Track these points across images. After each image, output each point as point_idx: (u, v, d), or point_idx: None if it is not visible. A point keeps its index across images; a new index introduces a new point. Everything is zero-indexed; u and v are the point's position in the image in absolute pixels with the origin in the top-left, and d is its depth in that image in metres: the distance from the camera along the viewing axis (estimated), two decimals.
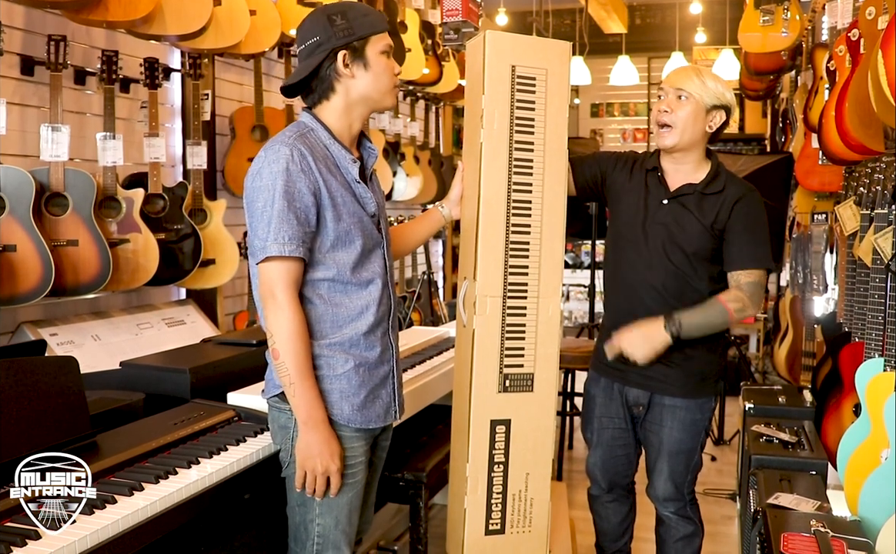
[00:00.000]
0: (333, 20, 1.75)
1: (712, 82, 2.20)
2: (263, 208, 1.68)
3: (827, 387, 3.03)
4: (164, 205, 2.99)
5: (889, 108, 1.99)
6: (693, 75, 2.21)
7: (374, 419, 1.83)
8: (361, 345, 1.80)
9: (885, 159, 2.45)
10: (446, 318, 4.78)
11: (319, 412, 1.73)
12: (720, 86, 2.21)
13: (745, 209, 2.19)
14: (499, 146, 2.09)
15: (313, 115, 1.81)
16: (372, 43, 1.78)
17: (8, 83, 2.66)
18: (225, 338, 2.82)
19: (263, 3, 3.27)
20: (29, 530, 1.40)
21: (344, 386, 1.78)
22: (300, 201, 1.68)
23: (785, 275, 5.17)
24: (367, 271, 1.81)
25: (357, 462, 1.82)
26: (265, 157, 1.71)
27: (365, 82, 1.79)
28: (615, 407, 2.36)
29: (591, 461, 2.46)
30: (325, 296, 1.76)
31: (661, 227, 2.22)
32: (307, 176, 1.69)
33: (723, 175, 2.24)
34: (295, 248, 1.68)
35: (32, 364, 1.78)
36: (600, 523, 2.53)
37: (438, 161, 5.47)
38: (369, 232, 1.81)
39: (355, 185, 1.80)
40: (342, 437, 1.78)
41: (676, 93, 2.20)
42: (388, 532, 3.02)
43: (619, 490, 2.46)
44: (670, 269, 2.19)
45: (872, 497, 2.01)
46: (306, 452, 1.74)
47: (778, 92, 6.01)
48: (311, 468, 1.74)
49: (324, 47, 1.75)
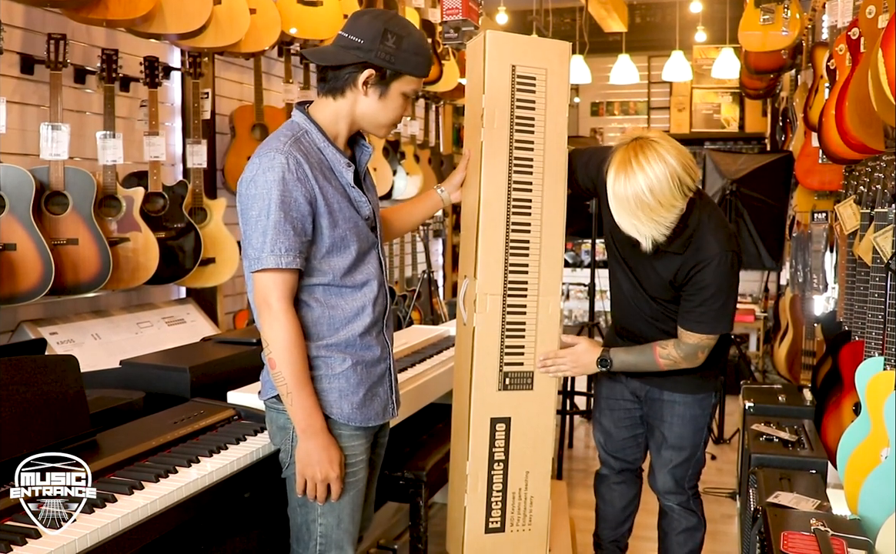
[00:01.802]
0: (387, 38, 1.70)
1: (662, 205, 1.90)
2: (258, 217, 1.66)
3: (827, 386, 3.03)
4: (164, 204, 2.99)
5: (889, 106, 1.99)
6: (638, 216, 1.92)
7: (372, 417, 1.83)
8: (358, 345, 1.79)
9: (886, 158, 2.44)
10: (446, 316, 4.78)
11: (318, 420, 1.72)
12: (667, 192, 1.89)
13: (704, 277, 2.03)
14: (499, 145, 2.09)
15: (307, 115, 1.79)
16: (402, 81, 1.76)
17: (8, 82, 2.66)
18: (225, 337, 2.82)
19: (263, 2, 3.27)
20: (29, 529, 1.40)
21: (343, 385, 1.77)
22: (297, 211, 1.66)
23: (785, 274, 5.17)
24: (363, 274, 1.80)
25: (358, 461, 1.82)
26: (259, 163, 1.68)
27: (373, 108, 1.77)
28: (620, 389, 2.38)
29: (600, 439, 2.48)
30: (321, 299, 1.76)
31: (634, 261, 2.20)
32: (303, 184, 1.67)
33: (690, 233, 2.04)
34: (292, 260, 1.67)
35: (32, 363, 1.78)
36: (604, 508, 2.52)
37: (438, 160, 5.47)
38: (364, 236, 1.80)
39: (350, 189, 1.78)
40: (342, 435, 1.78)
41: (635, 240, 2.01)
42: (389, 531, 3.02)
43: (627, 473, 2.48)
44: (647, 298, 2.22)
45: (872, 496, 2.01)
46: (306, 460, 1.73)
47: (778, 91, 6.01)
48: (310, 476, 1.74)
49: (359, 54, 1.71)
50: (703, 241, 2.04)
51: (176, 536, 1.64)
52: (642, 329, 2.26)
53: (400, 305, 4.52)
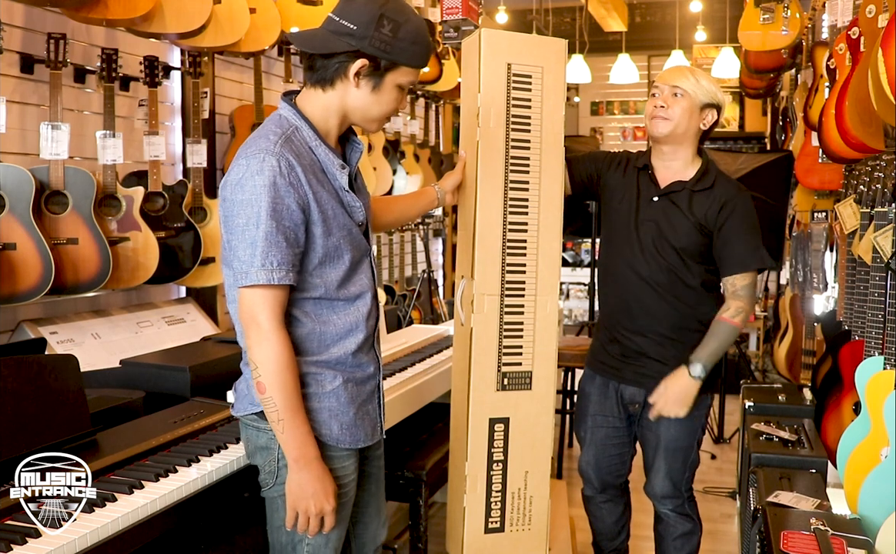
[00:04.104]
0: (382, 25, 1.55)
1: (705, 81, 2.24)
2: (246, 227, 1.50)
3: (827, 385, 3.03)
4: (164, 203, 2.99)
5: (889, 106, 1.99)
6: (687, 73, 2.24)
7: (362, 438, 1.71)
8: (350, 363, 1.67)
9: (886, 157, 2.44)
10: (446, 316, 4.78)
11: (311, 449, 1.58)
12: (713, 85, 2.25)
13: (736, 211, 2.20)
14: (495, 144, 2.09)
15: (295, 109, 1.63)
16: (398, 72, 1.61)
17: (7, 81, 2.66)
18: (225, 336, 2.82)
19: (263, 2, 3.27)
20: (29, 528, 1.40)
21: (333, 404, 1.65)
22: (289, 220, 1.52)
23: (785, 273, 5.17)
24: (356, 285, 1.68)
25: (349, 481, 1.71)
26: (248, 165, 1.52)
27: (365, 101, 1.62)
28: (610, 405, 2.36)
29: (583, 461, 2.46)
30: (312, 314, 1.62)
31: (651, 224, 2.23)
32: (296, 190, 1.52)
33: (713, 173, 2.26)
34: (284, 275, 1.52)
35: (32, 362, 1.78)
36: (596, 523, 2.53)
37: (438, 159, 5.47)
38: (358, 243, 1.67)
39: (344, 194, 1.65)
40: (332, 457, 1.65)
41: (672, 90, 2.21)
42: (389, 530, 3.02)
43: (612, 490, 2.47)
44: (662, 264, 2.20)
45: (872, 495, 2.01)
46: (298, 492, 1.58)
47: (778, 90, 6.01)
48: (303, 509, 1.59)
49: (351, 42, 1.56)
50: (728, 182, 2.28)
51: (176, 536, 1.64)
52: (645, 301, 2.23)
53: (400, 305, 4.52)
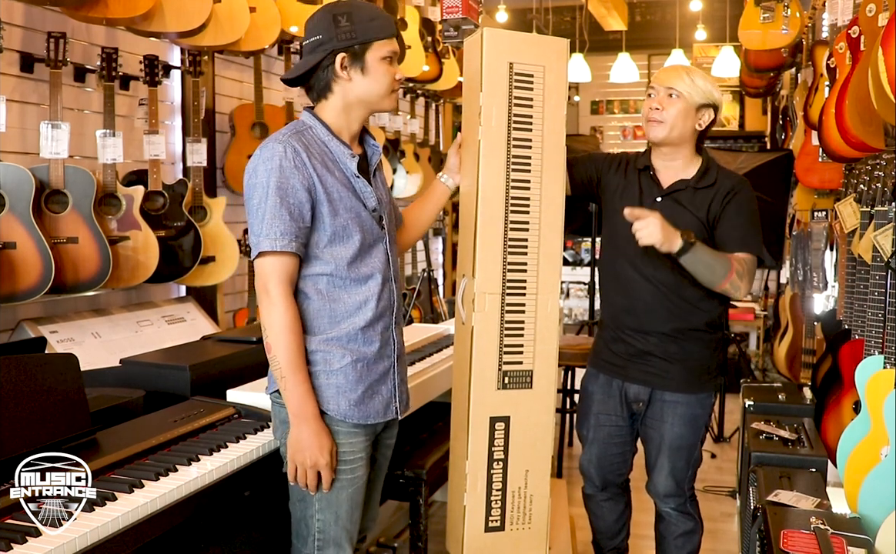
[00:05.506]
0: (338, 21, 1.75)
1: (701, 81, 2.23)
2: (258, 205, 1.70)
3: (827, 384, 3.03)
4: (164, 202, 2.99)
5: (889, 105, 1.99)
6: (683, 73, 2.24)
7: (372, 415, 1.83)
8: (359, 340, 1.80)
9: (886, 156, 2.45)
10: (446, 315, 4.78)
11: (310, 406, 1.73)
12: (709, 84, 2.24)
13: (737, 200, 2.21)
14: (497, 143, 2.09)
15: (314, 115, 1.82)
16: (374, 48, 1.78)
17: (8, 80, 2.66)
18: (225, 335, 2.82)
19: (263, 1, 3.27)
20: (29, 528, 1.40)
21: (341, 381, 1.78)
22: (293, 197, 1.70)
23: (785, 272, 5.17)
24: (367, 266, 1.81)
25: (357, 458, 1.81)
26: (260, 154, 1.73)
27: (362, 87, 1.79)
28: (613, 404, 2.36)
29: (585, 459, 2.46)
30: (324, 291, 1.77)
31: None
32: (300, 171, 1.70)
33: (714, 169, 2.26)
34: (287, 243, 1.69)
35: (32, 361, 1.78)
36: (596, 522, 2.53)
37: (438, 158, 5.46)
38: (369, 227, 1.81)
39: (354, 180, 1.80)
40: (339, 432, 1.78)
41: (667, 91, 2.22)
42: (389, 529, 3.02)
43: (613, 488, 2.47)
44: (667, 264, 2.19)
45: (872, 494, 2.01)
46: (296, 446, 1.74)
47: (778, 89, 6.02)
48: (300, 462, 1.74)
49: (324, 47, 1.75)
50: (731, 174, 2.29)
51: (176, 535, 1.64)
52: (648, 301, 2.23)
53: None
